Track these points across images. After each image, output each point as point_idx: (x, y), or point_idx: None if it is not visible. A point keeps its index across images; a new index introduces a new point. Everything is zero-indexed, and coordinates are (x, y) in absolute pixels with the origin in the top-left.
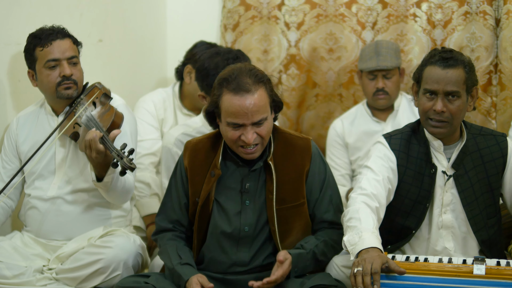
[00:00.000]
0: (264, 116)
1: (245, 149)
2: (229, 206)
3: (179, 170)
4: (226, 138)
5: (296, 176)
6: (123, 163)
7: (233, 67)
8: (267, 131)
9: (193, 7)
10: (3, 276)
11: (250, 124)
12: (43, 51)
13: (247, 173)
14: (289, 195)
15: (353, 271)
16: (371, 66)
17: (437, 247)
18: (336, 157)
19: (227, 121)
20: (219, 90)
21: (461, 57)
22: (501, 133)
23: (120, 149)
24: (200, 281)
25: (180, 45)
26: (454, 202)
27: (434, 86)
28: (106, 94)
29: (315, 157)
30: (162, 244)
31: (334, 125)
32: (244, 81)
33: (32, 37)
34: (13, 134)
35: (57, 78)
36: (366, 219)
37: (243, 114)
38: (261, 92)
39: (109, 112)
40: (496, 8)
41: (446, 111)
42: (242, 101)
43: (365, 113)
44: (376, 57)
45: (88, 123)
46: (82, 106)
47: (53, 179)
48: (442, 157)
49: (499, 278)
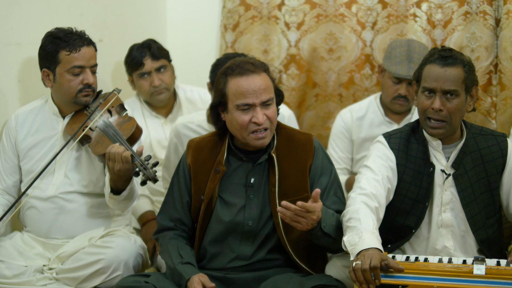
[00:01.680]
0: (271, 97)
1: (257, 134)
2: (234, 200)
3: (181, 168)
4: (235, 126)
5: (298, 169)
6: (148, 173)
7: (233, 59)
8: (274, 115)
9: (193, 7)
10: (3, 276)
11: (259, 105)
12: (69, 56)
13: (251, 168)
14: (292, 189)
15: (352, 266)
16: (401, 74)
17: (437, 246)
18: (339, 150)
19: (236, 104)
20: (223, 79)
21: (460, 56)
22: (501, 133)
23: (144, 160)
24: (202, 281)
25: (180, 45)
26: (454, 201)
27: (432, 84)
28: (122, 105)
29: (317, 152)
30: (163, 243)
31: (342, 116)
32: (247, 65)
33: (55, 37)
34: (12, 131)
35: (79, 85)
36: (366, 220)
37: (252, 92)
38: (264, 74)
39: (130, 123)
40: (496, 8)
41: (444, 109)
42: (250, 80)
43: (377, 110)
44: (407, 63)
45: (106, 129)
46: (97, 111)
47: (52, 179)
48: (441, 156)
49: (499, 278)
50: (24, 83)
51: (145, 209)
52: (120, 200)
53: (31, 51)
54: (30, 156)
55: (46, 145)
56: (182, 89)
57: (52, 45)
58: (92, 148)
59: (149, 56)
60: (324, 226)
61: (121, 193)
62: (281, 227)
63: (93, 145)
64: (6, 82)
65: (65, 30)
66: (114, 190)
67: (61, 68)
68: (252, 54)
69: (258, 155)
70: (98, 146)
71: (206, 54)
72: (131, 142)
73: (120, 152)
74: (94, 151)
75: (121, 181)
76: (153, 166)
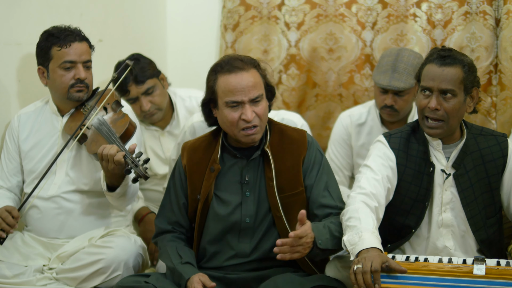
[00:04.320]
0: (260, 93)
1: (246, 131)
2: (230, 198)
3: (177, 170)
4: (225, 123)
5: (292, 164)
6: (138, 170)
7: (223, 56)
8: (264, 112)
9: (193, 7)
10: (3, 276)
11: (248, 102)
12: (60, 51)
13: (245, 164)
14: (287, 184)
15: (353, 269)
16: (382, 84)
17: (437, 246)
18: (340, 156)
19: (225, 101)
20: (213, 76)
21: (460, 56)
22: (502, 133)
23: (135, 157)
24: (202, 280)
25: (180, 45)
26: (454, 201)
27: (429, 83)
28: (118, 102)
29: (311, 146)
30: (162, 246)
31: (342, 120)
32: (236, 62)
33: (49, 34)
34: (15, 132)
35: (71, 80)
36: (365, 219)
37: (240, 89)
38: (254, 71)
39: (123, 120)
40: (496, 8)
41: (441, 109)
42: (238, 77)
43: (376, 118)
44: (391, 73)
45: (100, 127)
46: (93, 110)
47: (54, 179)
48: (441, 156)
49: (499, 278)
50: (24, 83)
51: (138, 206)
52: (116, 197)
53: (31, 51)
54: (32, 156)
55: (46, 144)
56: (180, 98)
57: (45, 42)
58: (87, 147)
59: (133, 81)
60: (320, 243)
61: (116, 189)
62: (284, 219)
63: (88, 143)
64: (6, 82)
65: (60, 28)
66: (110, 187)
67: (53, 63)
68: (252, 54)
69: (251, 151)
70: (93, 145)
71: (206, 54)
72: (124, 139)
73: (112, 154)
74: (89, 150)
75: (115, 177)
76: (144, 163)
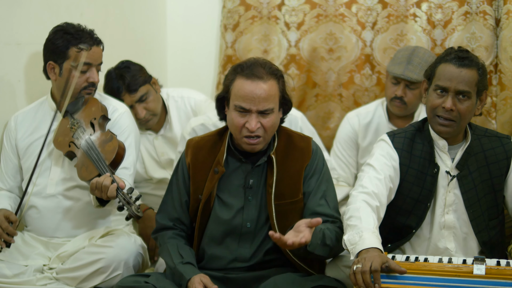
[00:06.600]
0: (271, 107)
1: (248, 139)
2: (232, 202)
3: (180, 167)
4: (231, 126)
5: (295, 172)
6: (130, 211)
7: (249, 58)
8: (271, 125)
9: (193, 7)
10: (3, 275)
11: (256, 112)
12: (80, 53)
13: (250, 170)
14: (288, 191)
15: (352, 269)
16: (396, 73)
17: (439, 247)
18: (347, 154)
19: (234, 104)
20: (232, 75)
21: (476, 59)
22: (506, 135)
23: (127, 193)
24: (204, 282)
25: (180, 45)
26: (457, 202)
27: (446, 83)
28: (104, 116)
29: (315, 154)
30: (162, 243)
31: (350, 120)
32: (258, 69)
33: (65, 32)
34: (12, 133)
35: (84, 83)
36: (366, 219)
37: (251, 99)
38: (273, 83)
39: (111, 144)
40: (496, 8)
41: (455, 110)
42: (253, 86)
43: (383, 115)
44: (405, 64)
45: (89, 152)
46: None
47: (49, 174)
48: (447, 157)
49: (499, 278)
50: (24, 83)
51: None
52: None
53: (31, 51)
54: (30, 153)
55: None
56: (173, 99)
57: (61, 40)
58: (78, 172)
59: (125, 90)
60: (309, 246)
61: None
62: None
63: (78, 167)
64: (6, 82)
65: (75, 27)
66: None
67: (68, 63)
68: (252, 54)
69: (257, 157)
70: (83, 171)
71: (206, 54)
72: (114, 166)
73: (106, 185)
74: (80, 176)
75: None
76: (135, 200)
